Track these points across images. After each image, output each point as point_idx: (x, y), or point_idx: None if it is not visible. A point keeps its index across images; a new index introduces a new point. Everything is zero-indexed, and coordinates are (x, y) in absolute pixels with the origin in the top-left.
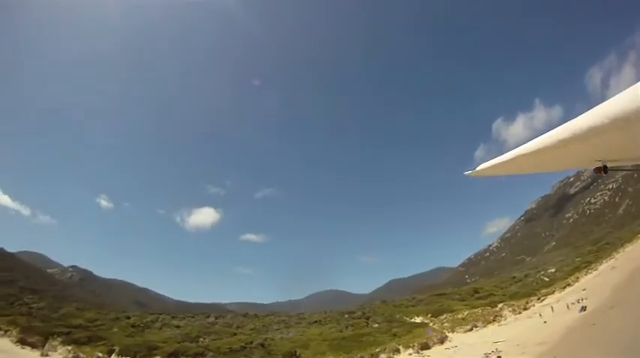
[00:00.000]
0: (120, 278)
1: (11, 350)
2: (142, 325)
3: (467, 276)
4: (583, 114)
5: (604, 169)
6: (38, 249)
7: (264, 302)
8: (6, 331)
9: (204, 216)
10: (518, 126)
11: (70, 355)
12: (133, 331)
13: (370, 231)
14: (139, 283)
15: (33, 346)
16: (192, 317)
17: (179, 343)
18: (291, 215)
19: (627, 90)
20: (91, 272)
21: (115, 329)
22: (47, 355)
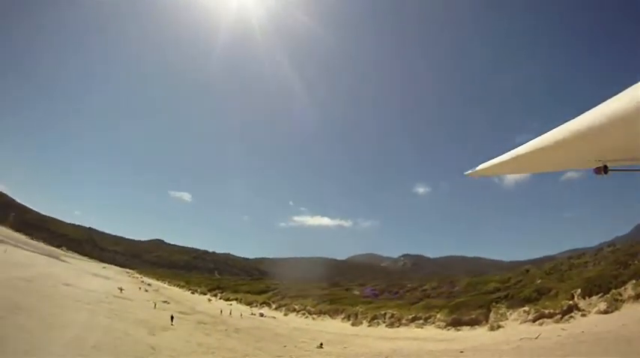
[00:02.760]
0: (449, 254)
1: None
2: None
3: None
4: (583, 114)
5: (604, 169)
6: (369, 250)
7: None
8: (427, 318)
9: None
10: None
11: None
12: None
13: None
14: (469, 254)
15: (471, 324)
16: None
17: None
18: None
19: (627, 90)
20: (422, 256)
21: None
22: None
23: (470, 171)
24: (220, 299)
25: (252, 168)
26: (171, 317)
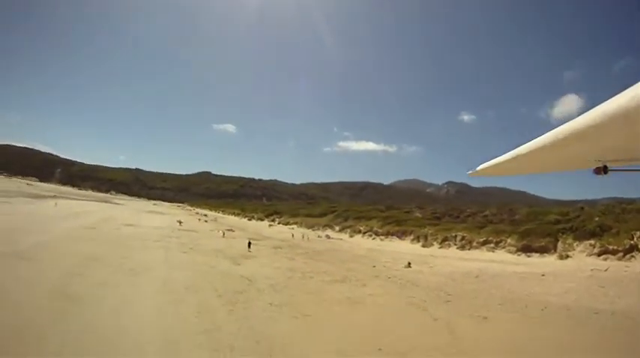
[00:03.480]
0: (492, 185)
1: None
2: None
3: None
4: (583, 114)
5: (604, 169)
6: (413, 176)
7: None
8: (497, 243)
9: (568, 105)
10: None
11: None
12: None
13: None
14: (513, 187)
15: (540, 252)
16: None
17: None
18: None
19: (627, 90)
20: (466, 184)
21: None
22: (566, 256)
23: (471, 171)
24: (279, 223)
25: (295, 95)
26: (249, 244)
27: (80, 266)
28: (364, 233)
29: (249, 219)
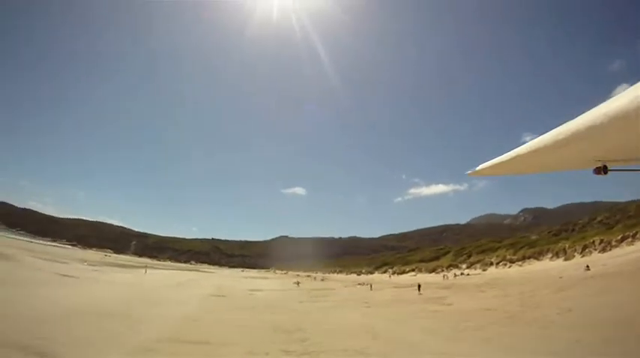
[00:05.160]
0: (568, 201)
1: None
2: None
3: None
4: (583, 114)
5: (604, 169)
6: (487, 210)
7: None
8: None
9: None
10: None
11: None
12: None
13: None
14: (587, 199)
15: None
16: None
17: None
18: None
19: (627, 90)
20: (542, 208)
21: None
22: None
23: (470, 171)
24: (395, 273)
25: (359, 149)
26: (419, 287)
27: (301, 341)
28: (497, 263)
29: (358, 274)
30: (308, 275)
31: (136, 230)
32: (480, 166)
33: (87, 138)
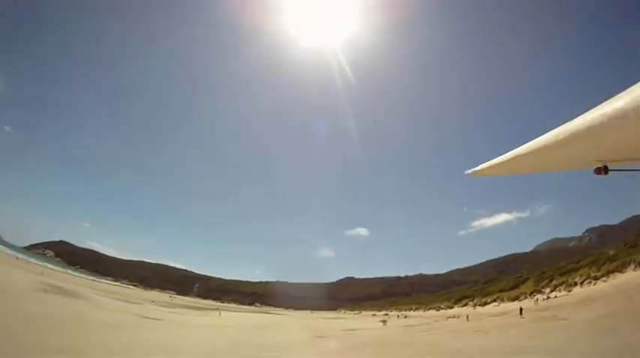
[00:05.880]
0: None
1: None
2: None
3: None
4: (583, 114)
5: (605, 170)
6: (551, 235)
7: None
8: None
9: None
10: None
11: None
12: None
13: None
14: None
15: None
16: None
17: None
18: None
19: (627, 90)
20: (606, 226)
21: None
22: None
23: (470, 171)
24: (475, 306)
25: (419, 186)
26: (520, 310)
27: None
28: (581, 283)
29: (437, 310)
30: (385, 314)
31: (198, 272)
32: (480, 166)
33: (148, 184)
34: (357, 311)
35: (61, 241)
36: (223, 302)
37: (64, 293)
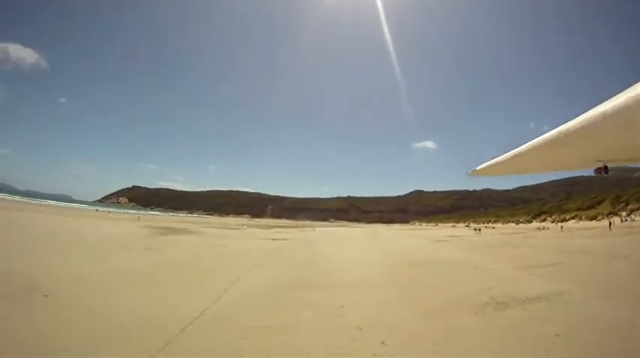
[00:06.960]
0: None
1: None
2: None
3: None
4: (583, 115)
5: (605, 170)
6: None
7: None
8: None
9: None
10: None
11: None
12: None
13: None
14: None
15: None
16: None
17: None
18: None
19: (627, 90)
20: None
21: None
22: None
23: (471, 171)
24: (555, 221)
25: (486, 95)
26: (609, 225)
27: None
28: None
29: (517, 223)
30: (467, 225)
31: (272, 194)
32: (481, 166)
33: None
34: (433, 223)
35: (133, 186)
36: (296, 220)
37: (176, 231)
